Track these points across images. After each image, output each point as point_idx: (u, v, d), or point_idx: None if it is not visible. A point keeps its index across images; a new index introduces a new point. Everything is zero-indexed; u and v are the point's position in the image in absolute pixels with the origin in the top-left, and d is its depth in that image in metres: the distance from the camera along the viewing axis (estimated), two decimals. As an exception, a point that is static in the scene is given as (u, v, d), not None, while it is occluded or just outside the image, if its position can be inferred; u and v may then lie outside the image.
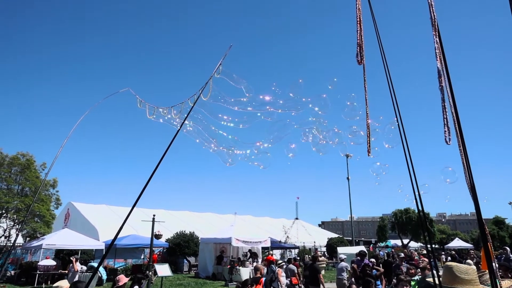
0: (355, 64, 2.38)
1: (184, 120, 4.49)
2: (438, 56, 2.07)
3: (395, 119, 2.29)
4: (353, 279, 10.61)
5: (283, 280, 10.83)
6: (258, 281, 7.89)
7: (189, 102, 5.67)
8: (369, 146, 3.00)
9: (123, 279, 7.04)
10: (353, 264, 11.58)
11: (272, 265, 12.33)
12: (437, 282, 2.26)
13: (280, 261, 12.64)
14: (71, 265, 15.17)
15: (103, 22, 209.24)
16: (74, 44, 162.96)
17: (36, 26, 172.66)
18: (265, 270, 10.69)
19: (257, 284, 7.73)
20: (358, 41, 2.36)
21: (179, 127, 3.70)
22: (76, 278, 14.69)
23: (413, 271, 8.64)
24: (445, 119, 2.01)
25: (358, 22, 2.35)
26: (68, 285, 5.05)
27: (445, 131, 2.02)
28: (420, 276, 7.70)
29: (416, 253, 22.81)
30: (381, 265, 12.87)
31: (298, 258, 18.04)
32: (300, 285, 12.81)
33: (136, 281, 7.66)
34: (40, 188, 17.84)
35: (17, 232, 20.98)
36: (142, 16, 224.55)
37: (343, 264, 11.79)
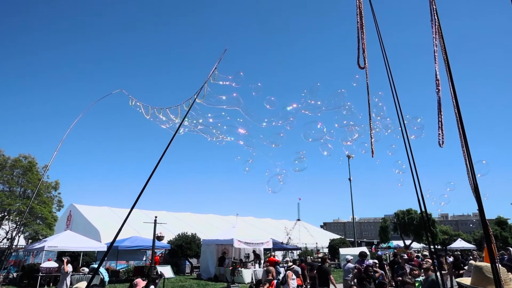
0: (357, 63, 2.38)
1: (181, 123, 4.52)
2: (437, 59, 2.07)
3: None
4: (355, 280, 10.58)
5: (293, 283, 10.82)
6: (270, 283, 8.03)
7: (183, 106, 5.69)
8: (373, 147, 2.99)
9: (141, 283, 7.15)
10: (356, 265, 11.54)
11: (277, 266, 12.30)
12: (440, 282, 2.25)
13: (290, 263, 12.62)
14: (62, 266, 14.76)
15: (102, 25, 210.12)
16: (75, 44, 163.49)
17: (38, 27, 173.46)
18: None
19: (269, 285, 7.86)
20: (358, 45, 2.35)
21: (175, 131, 3.74)
22: (68, 280, 14.44)
23: (417, 271, 8.61)
24: (439, 122, 2.01)
25: (360, 26, 2.34)
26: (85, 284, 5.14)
27: (439, 133, 2.02)
28: (423, 277, 7.68)
29: (418, 253, 22.72)
30: (385, 265, 12.82)
31: (303, 258, 18.01)
32: (304, 285, 12.78)
33: (151, 281, 7.81)
34: (38, 186, 17.80)
35: (18, 234, 20.99)
36: (140, 17, 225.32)
37: (350, 265, 11.69)
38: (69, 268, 14.47)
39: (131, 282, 7.41)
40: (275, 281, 8.83)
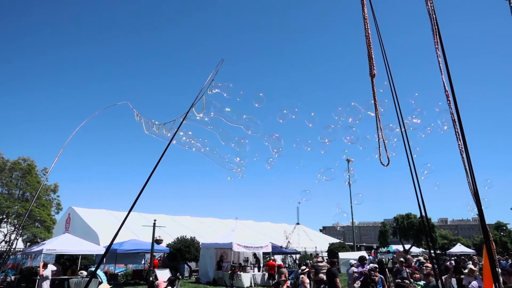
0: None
1: (176, 132, 4.55)
2: (442, 69, 2.07)
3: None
4: (356, 285, 10.55)
5: (309, 287, 10.82)
6: (284, 283, 8.36)
7: (180, 119, 5.70)
8: (384, 153, 2.98)
9: (162, 284, 7.35)
10: (362, 270, 11.57)
11: (281, 269, 12.45)
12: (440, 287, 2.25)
13: (303, 267, 12.67)
14: (39, 269, 14.57)
15: (103, 27, 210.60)
16: (75, 47, 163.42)
17: (41, 29, 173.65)
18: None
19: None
20: (368, 54, 2.36)
21: (169, 140, 3.77)
22: (47, 284, 14.23)
23: (418, 275, 8.61)
24: (457, 133, 2.00)
25: (368, 37, 2.35)
26: (109, 286, 5.29)
27: (459, 144, 1.99)
28: (424, 282, 7.66)
29: (414, 259, 22.62)
30: (387, 270, 12.92)
31: (307, 262, 18.06)
32: None
33: (169, 283, 7.92)
34: (39, 190, 17.79)
35: (17, 237, 20.92)
36: (146, 20, 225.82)
37: (354, 269, 11.72)
38: (45, 272, 14.23)
39: (152, 283, 7.59)
40: (288, 282, 9.08)
